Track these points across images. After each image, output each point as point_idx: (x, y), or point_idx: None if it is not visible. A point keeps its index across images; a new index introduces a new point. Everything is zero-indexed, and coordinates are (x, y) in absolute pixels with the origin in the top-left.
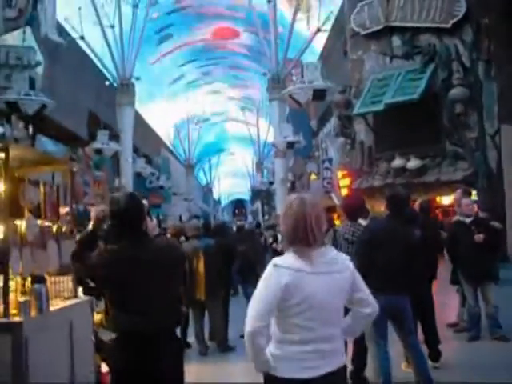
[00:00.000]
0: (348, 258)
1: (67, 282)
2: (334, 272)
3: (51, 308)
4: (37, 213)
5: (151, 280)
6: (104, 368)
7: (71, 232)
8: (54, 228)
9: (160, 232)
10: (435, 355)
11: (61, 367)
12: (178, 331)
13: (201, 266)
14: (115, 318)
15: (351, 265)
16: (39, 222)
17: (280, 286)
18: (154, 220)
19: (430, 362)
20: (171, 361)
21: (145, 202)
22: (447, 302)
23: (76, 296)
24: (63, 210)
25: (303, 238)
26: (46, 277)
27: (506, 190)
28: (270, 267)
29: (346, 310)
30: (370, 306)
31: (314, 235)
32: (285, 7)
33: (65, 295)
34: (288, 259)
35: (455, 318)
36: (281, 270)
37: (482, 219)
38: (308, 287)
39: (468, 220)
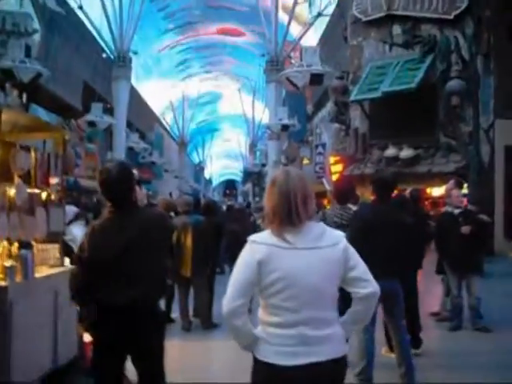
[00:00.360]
0: (342, 234)
1: (54, 249)
2: (319, 247)
3: (37, 274)
4: (27, 179)
5: (138, 252)
6: (87, 338)
7: (60, 200)
8: (44, 195)
9: (148, 203)
10: (416, 342)
11: (44, 333)
12: (162, 304)
13: (189, 242)
14: (97, 290)
15: (344, 240)
16: (29, 188)
17: (253, 263)
18: (144, 190)
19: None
20: (152, 333)
21: (135, 171)
22: (431, 291)
23: (62, 264)
24: (54, 178)
25: (286, 217)
26: (33, 243)
27: (496, 184)
28: (246, 244)
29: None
30: (369, 285)
31: (299, 214)
32: None
33: (51, 263)
34: (265, 234)
35: (438, 307)
36: (255, 246)
37: (470, 211)
38: (285, 263)
39: (457, 211)
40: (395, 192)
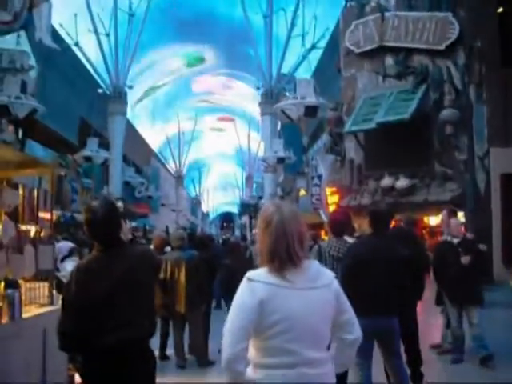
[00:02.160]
0: (332, 273)
1: (43, 288)
2: (316, 288)
3: (25, 315)
4: (15, 216)
5: (125, 291)
6: (78, 379)
7: (50, 237)
8: (33, 232)
9: (133, 237)
10: (417, 376)
11: (32, 376)
12: (156, 342)
13: (182, 277)
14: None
15: (336, 281)
16: (17, 225)
17: (254, 304)
18: (128, 223)
19: None
20: (143, 374)
21: (119, 204)
22: (431, 323)
23: (52, 303)
24: (45, 214)
25: (284, 256)
26: (21, 282)
27: (493, 212)
28: (243, 282)
29: None
30: (355, 330)
31: (297, 253)
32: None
33: (40, 302)
34: (263, 273)
35: (439, 340)
36: (255, 285)
37: (469, 241)
38: (287, 304)
39: (456, 240)
40: (392, 223)
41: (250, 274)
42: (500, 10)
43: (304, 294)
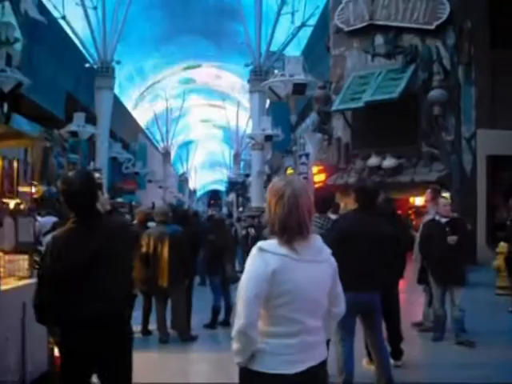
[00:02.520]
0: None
1: (23, 261)
2: (319, 261)
3: (3, 287)
4: None
5: (102, 263)
6: (57, 352)
7: (30, 210)
8: (12, 205)
9: (112, 208)
10: (397, 353)
11: (11, 348)
12: (139, 316)
13: (165, 252)
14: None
15: (332, 257)
16: None
17: (268, 273)
18: (106, 194)
19: (391, 360)
20: (118, 347)
21: (97, 175)
22: (413, 301)
23: (32, 276)
24: (24, 187)
25: (295, 228)
26: (0, 255)
27: (478, 193)
28: (254, 252)
29: None
30: (342, 303)
31: (307, 226)
32: None
33: (20, 275)
34: (274, 244)
35: (420, 318)
36: (267, 255)
37: (459, 219)
38: (295, 275)
39: (443, 220)
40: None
41: (261, 244)
42: None
43: (310, 266)
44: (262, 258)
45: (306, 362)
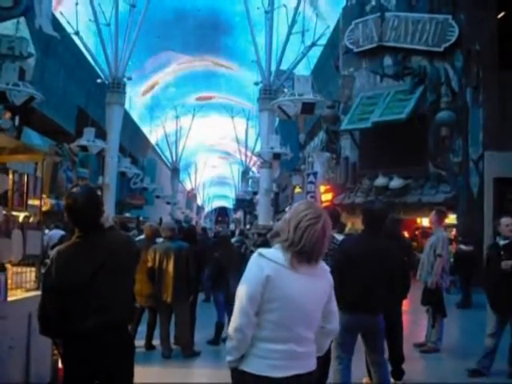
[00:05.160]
0: (327, 267)
1: (30, 273)
2: (316, 275)
3: (10, 298)
4: (4, 201)
5: (105, 277)
6: (61, 363)
7: (38, 223)
8: (21, 217)
9: (112, 224)
10: (398, 373)
11: (16, 358)
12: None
13: (170, 267)
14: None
15: (329, 274)
16: (5, 210)
17: (262, 278)
18: (107, 213)
19: (392, 380)
20: (120, 359)
21: (99, 192)
22: (416, 322)
23: (38, 288)
24: (35, 201)
25: (312, 256)
26: (8, 266)
27: (485, 215)
28: (254, 256)
29: None
30: (335, 321)
31: (320, 254)
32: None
33: (27, 287)
34: (274, 252)
35: (423, 339)
36: (264, 261)
37: None
38: (289, 284)
39: (502, 242)
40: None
41: (262, 250)
42: (501, 14)
43: (305, 278)
44: (259, 263)
45: (292, 369)
